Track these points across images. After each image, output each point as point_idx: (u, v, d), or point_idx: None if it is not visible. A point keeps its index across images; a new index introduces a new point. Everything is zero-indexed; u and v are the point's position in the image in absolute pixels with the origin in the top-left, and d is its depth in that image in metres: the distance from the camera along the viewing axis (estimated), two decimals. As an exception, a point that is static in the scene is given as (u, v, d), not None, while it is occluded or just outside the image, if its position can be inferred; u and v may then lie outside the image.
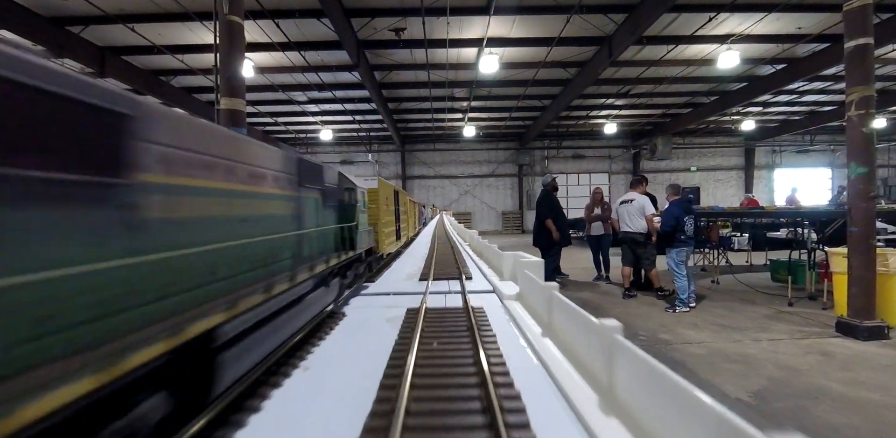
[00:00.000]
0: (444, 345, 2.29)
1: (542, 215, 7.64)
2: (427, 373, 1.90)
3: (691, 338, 4.69)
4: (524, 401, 1.63)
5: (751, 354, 4.21)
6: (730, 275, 7.51)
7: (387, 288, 4.12)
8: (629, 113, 19.97)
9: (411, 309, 3.16)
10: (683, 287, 5.87)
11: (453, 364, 2.02)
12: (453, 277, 4.31)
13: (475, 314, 2.89)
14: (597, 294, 7.11)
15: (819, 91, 16.72)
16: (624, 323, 4.85)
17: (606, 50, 11.37)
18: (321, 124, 20.45)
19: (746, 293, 6.85)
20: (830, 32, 11.13)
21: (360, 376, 1.96)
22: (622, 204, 6.88)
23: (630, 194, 6.95)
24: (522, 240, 19.04)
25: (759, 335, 4.77)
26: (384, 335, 2.59)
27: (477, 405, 1.61)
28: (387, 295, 3.84)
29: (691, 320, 5.40)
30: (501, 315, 3.02)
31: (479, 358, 1.99)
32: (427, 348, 2.24)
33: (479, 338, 2.29)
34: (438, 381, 1.82)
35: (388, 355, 2.20)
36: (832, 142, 24.41)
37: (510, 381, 1.80)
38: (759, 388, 3.45)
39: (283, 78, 13.65)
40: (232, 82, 4.33)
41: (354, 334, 2.68)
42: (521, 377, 1.86)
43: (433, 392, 1.71)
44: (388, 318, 2.99)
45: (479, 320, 2.77)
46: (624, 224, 6.82)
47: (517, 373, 1.91)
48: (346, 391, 1.82)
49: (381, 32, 10.67)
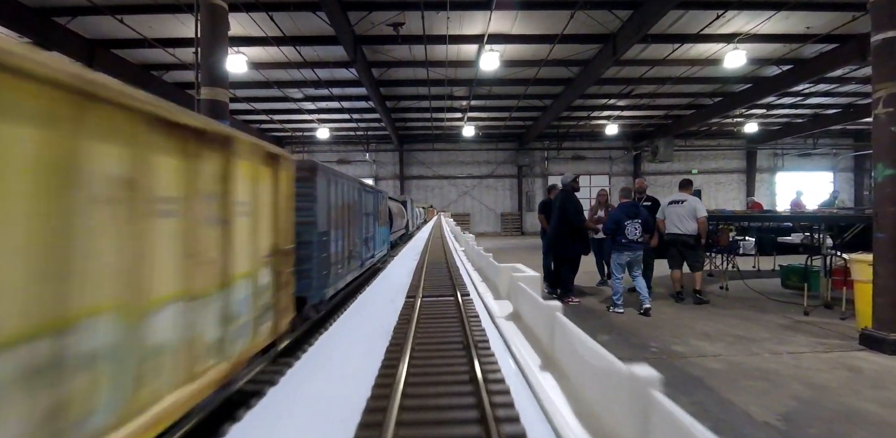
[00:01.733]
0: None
1: (568, 219, 6.52)
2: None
3: (706, 351, 4.37)
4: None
5: (772, 369, 3.89)
6: (738, 281, 7.19)
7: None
8: (631, 114, 19.71)
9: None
10: (615, 289, 6.06)
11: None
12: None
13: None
14: (602, 300, 6.79)
15: (824, 93, 16.49)
16: (631, 333, 4.51)
17: (610, 48, 11.08)
18: (318, 122, 20.11)
19: (758, 300, 6.54)
20: (839, 32, 10.89)
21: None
22: (671, 204, 6.64)
23: (681, 195, 6.74)
24: (523, 243, 18.74)
25: (777, 347, 4.46)
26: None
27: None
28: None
29: (704, 330, 5.08)
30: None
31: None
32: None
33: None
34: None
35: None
36: (835, 145, 24.20)
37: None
38: (787, 410, 3.13)
39: (278, 74, 13.31)
40: (213, 70, 4.00)
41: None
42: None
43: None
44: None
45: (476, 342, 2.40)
46: (673, 225, 6.55)
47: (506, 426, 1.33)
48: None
49: (378, 27, 10.35)
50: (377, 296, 3.74)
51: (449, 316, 2.79)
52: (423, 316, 2.76)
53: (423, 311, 2.91)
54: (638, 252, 5.99)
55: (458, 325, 2.53)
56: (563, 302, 6.24)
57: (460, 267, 5.17)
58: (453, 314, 2.83)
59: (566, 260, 6.68)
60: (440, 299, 3.35)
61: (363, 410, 1.48)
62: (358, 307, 3.40)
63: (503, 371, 1.81)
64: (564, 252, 6.66)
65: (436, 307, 3.07)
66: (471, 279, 4.31)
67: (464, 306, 2.96)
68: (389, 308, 3.14)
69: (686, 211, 6.46)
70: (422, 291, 3.57)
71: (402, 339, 2.22)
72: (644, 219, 6.02)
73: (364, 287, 4.35)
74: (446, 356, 2.01)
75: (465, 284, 3.94)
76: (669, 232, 6.62)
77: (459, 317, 2.69)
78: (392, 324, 2.60)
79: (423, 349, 2.11)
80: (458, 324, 2.55)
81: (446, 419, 1.41)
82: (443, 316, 2.80)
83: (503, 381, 1.70)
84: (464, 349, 2.11)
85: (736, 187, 25.02)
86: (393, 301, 3.38)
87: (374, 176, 24.05)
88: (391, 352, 2.05)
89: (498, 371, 1.80)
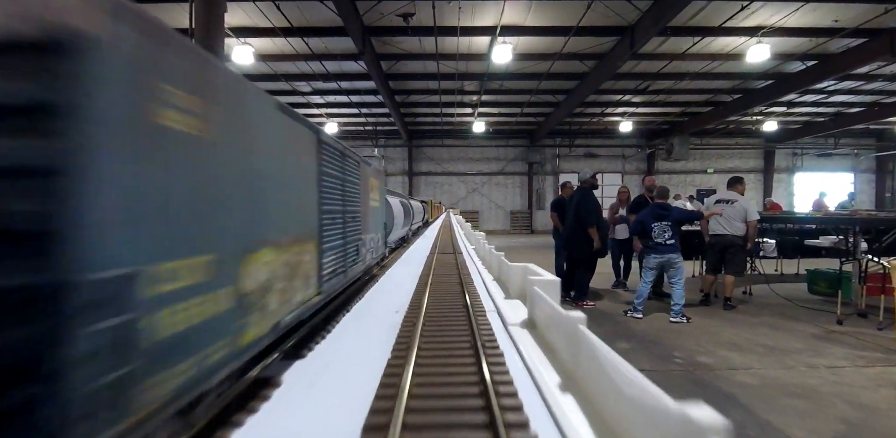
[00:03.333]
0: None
1: (584, 218, 6.10)
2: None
3: (736, 362, 4.03)
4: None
5: (812, 385, 3.54)
6: (762, 286, 6.80)
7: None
8: (646, 111, 19.22)
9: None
10: (639, 292, 5.72)
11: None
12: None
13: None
14: (618, 303, 6.46)
15: (848, 91, 15.90)
16: (652, 341, 4.15)
17: (628, 41, 10.67)
18: (326, 117, 19.87)
19: (786, 307, 6.15)
20: (869, 26, 10.38)
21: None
22: (718, 203, 6.25)
23: (729, 194, 6.35)
24: (532, 241, 18.38)
25: (813, 360, 4.10)
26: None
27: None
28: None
29: (730, 339, 4.73)
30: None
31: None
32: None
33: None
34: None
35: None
36: (857, 145, 23.51)
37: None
38: (835, 435, 2.79)
39: (286, 66, 13.05)
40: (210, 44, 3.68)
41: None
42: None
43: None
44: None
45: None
46: (719, 225, 6.13)
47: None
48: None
49: (388, 18, 10.03)
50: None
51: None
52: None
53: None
54: (667, 255, 5.55)
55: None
56: (577, 306, 5.94)
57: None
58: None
59: (582, 262, 6.31)
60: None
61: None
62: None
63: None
64: (580, 253, 6.27)
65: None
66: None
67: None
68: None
69: (736, 212, 6.03)
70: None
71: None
72: (676, 219, 5.61)
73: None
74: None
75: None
76: (715, 233, 6.19)
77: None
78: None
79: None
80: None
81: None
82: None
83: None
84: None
85: (753, 187, 24.37)
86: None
87: (383, 171, 23.76)
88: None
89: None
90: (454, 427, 1.34)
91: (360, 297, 3.43)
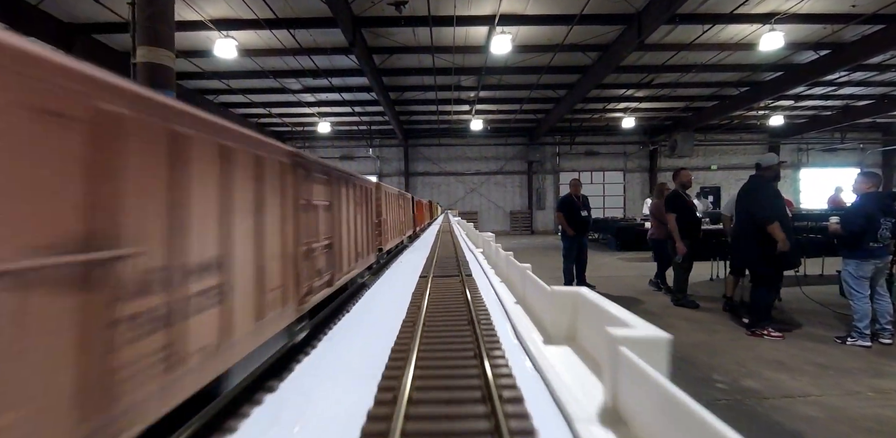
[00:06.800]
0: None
1: (756, 214, 4.68)
2: None
3: (790, 388, 3.41)
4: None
5: (888, 417, 2.93)
6: (795, 288, 6.15)
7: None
8: (649, 106, 18.66)
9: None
10: (861, 311, 4.41)
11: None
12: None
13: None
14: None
15: (858, 82, 15.34)
16: (684, 359, 3.46)
17: (634, 29, 10.08)
18: (318, 116, 19.22)
19: (824, 315, 5.52)
20: (887, 12, 9.81)
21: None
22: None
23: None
24: (534, 242, 17.75)
25: (880, 383, 3.49)
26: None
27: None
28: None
29: (773, 355, 4.12)
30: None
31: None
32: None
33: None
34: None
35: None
36: (863, 139, 22.98)
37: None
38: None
39: (273, 62, 12.41)
40: (155, 24, 3.02)
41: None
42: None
43: None
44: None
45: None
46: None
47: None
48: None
49: (379, 6, 9.40)
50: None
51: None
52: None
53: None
54: (885, 258, 4.59)
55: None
56: (753, 334, 4.69)
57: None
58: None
59: (761, 276, 4.83)
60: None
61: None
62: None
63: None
64: (758, 265, 4.81)
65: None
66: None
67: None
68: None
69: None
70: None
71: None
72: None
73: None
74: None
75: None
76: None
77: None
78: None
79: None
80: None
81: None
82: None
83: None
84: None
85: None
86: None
87: (379, 172, 23.14)
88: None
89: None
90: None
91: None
